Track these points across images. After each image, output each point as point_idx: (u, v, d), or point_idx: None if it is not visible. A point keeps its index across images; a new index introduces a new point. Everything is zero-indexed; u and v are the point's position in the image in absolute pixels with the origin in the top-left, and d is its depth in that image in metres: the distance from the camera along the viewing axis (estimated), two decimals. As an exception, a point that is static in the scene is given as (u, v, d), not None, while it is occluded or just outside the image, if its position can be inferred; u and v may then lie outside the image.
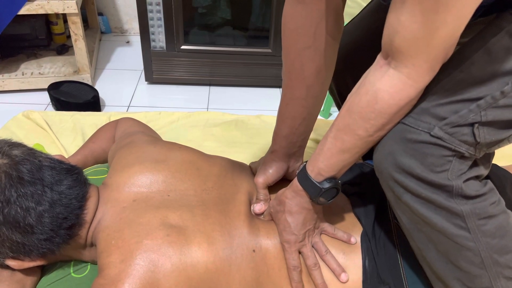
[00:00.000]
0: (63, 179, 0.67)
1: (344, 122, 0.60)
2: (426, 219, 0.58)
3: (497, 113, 0.53)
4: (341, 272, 0.69)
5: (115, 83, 1.87)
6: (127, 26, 2.31)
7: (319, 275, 0.69)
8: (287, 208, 0.68)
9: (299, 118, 0.73)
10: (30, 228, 0.62)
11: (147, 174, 0.72)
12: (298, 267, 0.68)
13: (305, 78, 0.69)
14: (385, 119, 0.56)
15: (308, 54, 0.67)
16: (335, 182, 0.65)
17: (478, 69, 0.54)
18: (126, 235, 0.63)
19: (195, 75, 1.84)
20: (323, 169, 0.64)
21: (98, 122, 1.27)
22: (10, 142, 0.67)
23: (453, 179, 0.55)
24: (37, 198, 0.63)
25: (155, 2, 1.64)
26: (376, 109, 0.55)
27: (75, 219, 0.66)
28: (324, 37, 0.66)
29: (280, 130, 0.76)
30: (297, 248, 0.69)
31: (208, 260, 0.63)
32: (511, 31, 0.52)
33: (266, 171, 0.77)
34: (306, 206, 0.68)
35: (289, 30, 0.67)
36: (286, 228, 0.68)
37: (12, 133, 1.20)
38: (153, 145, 0.80)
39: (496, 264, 0.59)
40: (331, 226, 0.72)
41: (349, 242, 0.71)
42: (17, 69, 1.77)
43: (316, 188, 0.65)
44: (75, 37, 1.68)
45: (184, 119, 1.35)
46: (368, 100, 0.56)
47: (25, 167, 0.63)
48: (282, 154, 0.77)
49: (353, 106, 0.58)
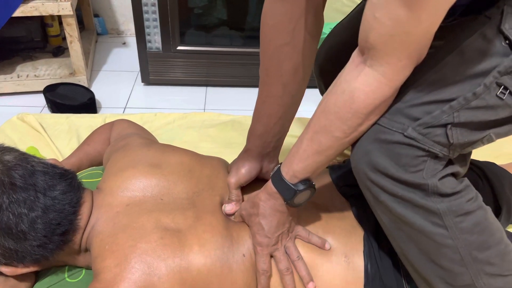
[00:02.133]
0: (57, 184, 0.66)
1: (320, 124, 0.60)
2: (404, 218, 0.58)
3: (469, 114, 0.53)
4: (309, 280, 0.68)
5: (111, 85, 1.86)
6: (123, 27, 2.30)
7: (290, 280, 0.68)
8: (261, 211, 0.67)
9: (275, 117, 0.72)
10: (22, 234, 0.62)
11: (141, 178, 0.71)
12: (267, 271, 0.67)
13: (282, 76, 0.69)
14: (361, 119, 0.56)
15: (286, 51, 0.66)
16: (309, 184, 0.64)
17: (451, 71, 0.54)
18: (120, 240, 0.63)
19: (191, 75, 1.83)
20: (298, 171, 0.63)
21: (93, 124, 1.26)
22: (2, 147, 0.66)
23: (428, 178, 0.55)
24: (30, 204, 0.62)
25: (151, 3, 1.63)
26: (352, 108, 0.55)
27: (68, 225, 0.66)
28: (303, 34, 0.65)
29: (254, 129, 0.75)
30: (270, 252, 0.68)
31: (199, 262, 0.63)
32: (484, 33, 0.52)
33: (239, 171, 0.75)
34: (280, 209, 0.67)
35: (267, 26, 0.66)
36: (259, 231, 0.67)
37: (6, 136, 1.19)
38: (147, 148, 0.79)
39: (476, 261, 0.59)
40: (306, 230, 0.71)
41: (323, 247, 0.70)
42: (13, 71, 1.76)
43: (291, 190, 0.64)
44: (71, 39, 1.67)
45: (180, 120, 1.35)
46: (345, 100, 0.55)
47: (17, 172, 0.62)
48: (255, 153, 0.76)
49: (329, 106, 0.58)
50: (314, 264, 0.69)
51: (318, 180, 0.80)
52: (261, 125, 0.74)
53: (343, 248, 0.70)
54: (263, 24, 0.67)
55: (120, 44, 2.22)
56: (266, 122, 0.73)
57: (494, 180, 0.85)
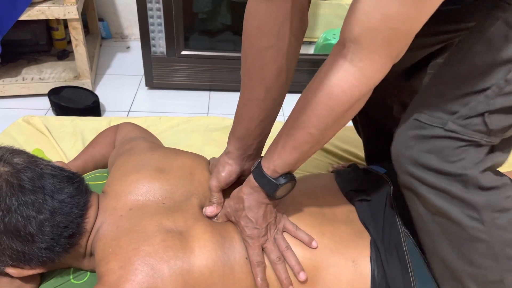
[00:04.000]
0: (64, 187, 0.67)
1: (298, 119, 0.60)
2: (441, 210, 0.59)
3: (504, 100, 0.54)
4: (299, 270, 0.67)
5: (115, 88, 1.87)
6: (127, 31, 2.31)
7: (283, 268, 0.67)
8: (246, 204, 0.68)
9: (256, 120, 0.72)
10: (30, 237, 0.62)
11: (144, 182, 0.72)
12: (262, 262, 0.67)
13: (265, 79, 0.68)
14: (336, 117, 0.56)
15: (270, 54, 0.66)
16: (291, 177, 0.65)
17: (480, 60, 0.55)
18: (123, 243, 0.63)
19: (195, 80, 1.84)
20: (278, 166, 0.64)
21: (98, 127, 1.27)
22: (11, 149, 0.67)
23: (469, 167, 0.56)
24: (38, 207, 0.62)
25: (156, 8, 1.65)
26: (329, 105, 0.55)
27: (75, 228, 0.66)
28: (288, 37, 0.65)
29: (235, 131, 0.75)
30: (261, 243, 0.68)
31: (201, 262, 0.63)
32: (507, 20, 0.53)
33: (219, 174, 0.75)
34: (264, 201, 0.67)
35: (251, 28, 0.65)
36: (248, 224, 0.67)
37: (12, 138, 1.20)
38: (151, 152, 0.80)
39: (508, 258, 0.59)
40: (293, 224, 0.71)
41: (310, 245, 0.69)
42: (18, 74, 1.77)
43: (272, 184, 0.64)
44: (76, 43, 1.69)
45: (185, 124, 1.35)
46: (322, 96, 0.55)
47: (26, 175, 0.63)
48: (236, 156, 0.75)
49: (307, 102, 0.58)
50: (321, 267, 0.68)
51: (323, 185, 0.80)
52: (242, 128, 0.73)
53: (351, 253, 0.70)
54: (246, 26, 0.66)
55: (124, 48, 2.24)
56: (247, 125, 0.73)
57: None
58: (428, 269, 0.67)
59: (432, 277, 0.67)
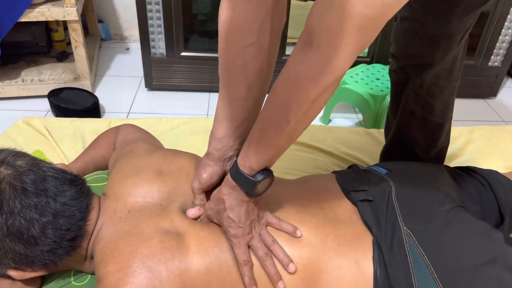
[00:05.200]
0: (67, 190, 0.67)
1: (269, 113, 0.59)
2: None
3: None
4: (288, 262, 0.66)
5: (115, 90, 1.87)
6: (127, 33, 2.32)
7: (271, 264, 0.66)
8: (227, 205, 0.67)
9: (238, 120, 0.70)
10: (33, 239, 0.62)
11: (143, 185, 0.73)
12: (249, 261, 0.66)
13: (246, 78, 0.66)
14: (305, 107, 0.55)
15: (251, 52, 0.64)
16: (268, 173, 0.64)
17: None
18: (122, 245, 0.63)
19: (195, 81, 1.84)
20: (254, 163, 0.62)
21: (98, 128, 1.27)
22: (14, 152, 0.67)
23: None
24: (41, 210, 0.62)
25: (155, 9, 1.65)
26: (296, 96, 0.54)
27: (78, 230, 0.66)
28: (269, 34, 0.64)
29: (216, 132, 0.73)
30: (246, 242, 0.67)
31: (198, 261, 0.63)
32: None
33: (200, 176, 0.73)
34: (244, 199, 0.66)
35: (231, 25, 0.63)
36: (231, 224, 0.66)
37: (12, 139, 1.20)
38: (150, 154, 0.81)
39: None
40: (276, 217, 0.70)
41: (295, 235, 0.69)
42: (18, 76, 1.77)
43: (250, 182, 0.63)
44: (75, 44, 1.69)
45: (184, 125, 1.35)
46: (289, 86, 0.55)
47: (29, 177, 0.63)
48: (216, 158, 0.73)
49: (276, 94, 0.57)
50: (325, 270, 0.68)
51: (325, 186, 0.80)
52: (222, 129, 0.72)
53: (354, 253, 0.69)
54: (224, 22, 0.63)
55: (124, 49, 2.24)
56: (228, 126, 0.71)
57: (498, 188, 0.86)
58: (429, 270, 0.68)
59: (433, 277, 0.67)
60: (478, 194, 0.86)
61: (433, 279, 0.66)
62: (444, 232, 0.69)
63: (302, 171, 1.16)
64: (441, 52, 0.88)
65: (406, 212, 0.72)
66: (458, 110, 1.87)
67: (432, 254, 0.66)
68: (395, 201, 0.74)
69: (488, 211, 0.85)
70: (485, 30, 1.77)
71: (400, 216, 0.73)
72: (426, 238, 0.68)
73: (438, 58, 0.89)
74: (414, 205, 0.73)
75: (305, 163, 1.21)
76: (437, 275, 0.65)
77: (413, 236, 0.69)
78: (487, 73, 1.90)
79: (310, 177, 0.86)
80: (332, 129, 1.38)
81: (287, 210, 0.73)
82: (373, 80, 1.65)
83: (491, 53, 1.83)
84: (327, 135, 1.32)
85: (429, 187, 0.78)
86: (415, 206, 0.73)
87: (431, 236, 0.68)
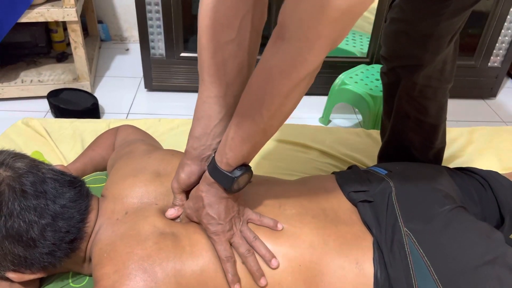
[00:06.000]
0: (66, 192, 0.66)
1: (243, 108, 0.59)
2: None
3: None
4: (271, 258, 0.65)
5: (114, 91, 1.87)
6: (126, 33, 2.31)
7: (254, 261, 0.65)
8: (206, 202, 0.66)
9: (216, 118, 0.69)
10: (32, 242, 0.62)
11: (140, 186, 0.73)
12: (231, 257, 0.65)
13: (226, 75, 0.65)
14: (279, 100, 0.55)
15: (231, 48, 0.63)
16: (246, 169, 0.64)
17: None
18: (118, 247, 0.63)
19: (194, 82, 1.84)
20: (231, 159, 0.62)
21: (97, 129, 1.27)
22: (13, 153, 0.67)
23: None
24: (40, 212, 0.62)
25: (155, 10, 1.65)
26: (268, 90, 0.54)
27: (77, 232, 0.66)
28: (249, 31, 0.63)
29: (193, 131, 0.71)
30: (227, 238, 0.66)
31: (192, 262, 0.63)
32: None
33: (179, 175, 0.72)
34: (223, 196, 0.66)
35: (210, 20, 0.62)
36: (211, 221, 0.66)
37: (11, 140, 1.20)
38: (149, 155, 0.80)
39: None
40: (256, 214, 0.70)
41: (276, 228, 0.68)
42: (17, 76, 1.77)
43: (228, 178, 0.63)
44: (75, 45, 1.69)
45: (184, 126, 1.35)
46: (262, 80, 0.54)
47: (28, 179, 0.63)
48: (194, 157, 0.72)
49: (250, 88, 0.57)
50: (326, 271, 0.67)
51: (325, 187, 0.80)
52: (200, 127, 0.70)
53: (355, 254, 0.69)
54: (204, 18, 0.62)
55: (123, 50, 2.24)
56: (206, 124, 0.69)
57: (498, 189, 0.86)
58: (429, 270, 0.67)
59: (433, 278, 0.67)
60: (478, 194, 0.86)
61: (433, 280, 0.65)
62: (444, 232, 0.68)
63: (301, 172, 1.16)
64: (431, 53, 0.88)
65: (406, 212, 0.72)
66: (458, 110, 1.88)
67: (432, 254, 0.66)
68: (395, 202, 0.74)
69: (488, 212, 0.85)
70: (484, 31, 1.77)
71: (400, 217, 0.72)
72: (426, 238, 0.68)
73: (428, 59, 0.89)
74: (414, 205, 0.73)
75: (304, 164, 1.21)
76: (437, 276, 0.65)
77: (413, 237, 0.69)
78: (487, 74, 1.90)
79: (310, 178, 0.86)
80: (332, 130, 1.38)
81: (288, 211, 0.72)
82: (372, 80, 1.65)
83: (490, 54, 1.83)
84: (326, 136, 1.32)
85: (429, 187, 0.77)
86: (415, 206, 0.73)
87: (431, 237, 0.68)
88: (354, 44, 1.95)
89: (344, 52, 1.91)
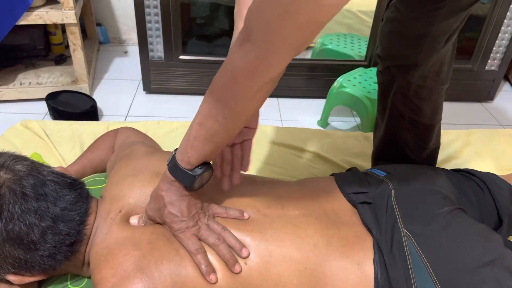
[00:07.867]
0: (66, 194, 0.66)
1: (206, 107, 0.59)
2: None
3: None
4: (241, 247, 0.64)
5: (113, 93, 1.87)
6: (125, 36, 2.32)
7: (226, 248, 0.64)
8: (167, 201, 0.65)
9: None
10: (33, 245, 0.62)
11: (138, 186, 0.73)
12: (200, 248, 0.64)
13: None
14: (242, 102, 0.55)
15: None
16: (207, 167, 0.64)
17: None
18: (114, 250, 0.63)
19: (193, 85, 1.84)
20: (192, 158, 0.62)
21: (96, 131, 1.27)
22: (13, 155, 0.67)
23: None
24: (41, 214, 0.62)
25: (154, 13, 1.65)
26: (233, 90, 0.54)
27: (76, 235, 0.66)
28: None
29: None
30: (193, 233, 0.66)
31: (188, 263, 0.63)
32: None
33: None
34: (184, 193, 0.65)
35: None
36: (174, 219, 0.65)
37: (10, 142, 1.19)
38: (149, 157, 0.81)
39: None
40: (222, 207, 0.69)
41: (242, 217, 0.68)
42: (15, 79, 1.76)
43: (189, 176, 0.63)
44: (74, 47, 1.69)
45: (183, 128, 1.35)
46: (226, 81, 0.54)
47: (28, 182, 0.63)
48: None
49: (214, 88, 0.57)
50: (329, 274, 0.67)
51: (325, 188, 0.80)
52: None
53: (357, 255, 0.69)
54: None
55: (122, 53, 2.24)
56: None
57: (496, 191, 0.86)
58: (429, 272, 0.68)
59: (432, 279, 0.67)
60: (476, 196, 0.87)
61: (432, 281, 0.66)
62: (443, 234, 0.69)
63: (298, 178, 1.16)
64: (425, 52, 0.89)
65: (405, 214, 0.72)
66: (456, 113, 1.89)
67: (431, 256, 0.66)
68: (394, 203, 0.75)
69: (486, 213, 0.85)
70: (482, 34, 1.78)
71: (400, 218, 0.73)
72: (425, 240, 0.68)
73: (422, 58, 0.90)
74: (413, 207, 0.74)
75: (301, 170, 1.21)
76: (436, 278, 0.65)
77: (412, 238, 0.69)
78: (484, 77, 1.91)
79: (309, 179, 0.86)
80: (330, 133, 1.38)
81: (291, 212, 0.72)
82: (370, 83, 1.66)
83: (488, 57, 1.84)
84: (324, 140, 1.32)
85: (428, 189, 0.78)
86: (414, 208, 0.73)
87: (430, 238, 0.68)
88: (352, 47, 1.96)
89: (343, 55, 1.92)
